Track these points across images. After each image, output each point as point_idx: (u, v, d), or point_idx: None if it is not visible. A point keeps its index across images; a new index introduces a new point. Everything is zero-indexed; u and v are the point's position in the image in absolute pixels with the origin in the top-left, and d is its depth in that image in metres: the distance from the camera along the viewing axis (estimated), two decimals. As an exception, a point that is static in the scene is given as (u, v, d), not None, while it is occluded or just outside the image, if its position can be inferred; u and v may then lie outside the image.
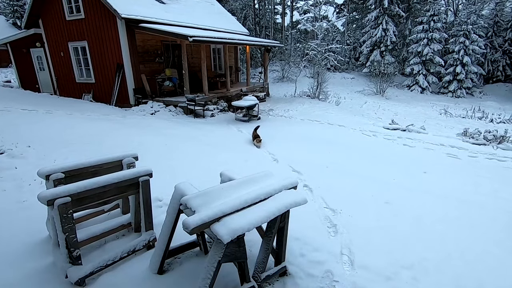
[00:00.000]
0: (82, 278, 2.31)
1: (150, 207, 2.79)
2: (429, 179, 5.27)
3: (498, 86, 21.29)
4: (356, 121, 10.42)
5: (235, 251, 2.06)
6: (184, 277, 2.53)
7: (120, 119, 8.57)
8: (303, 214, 3.71)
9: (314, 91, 15.41)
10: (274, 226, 2.36)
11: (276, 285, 2.54)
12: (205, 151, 6.15)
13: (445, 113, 13.98)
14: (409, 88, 20.79)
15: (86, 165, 2.73)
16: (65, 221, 2.19)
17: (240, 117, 9.95)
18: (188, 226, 1.86)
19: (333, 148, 6.92)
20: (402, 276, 2.73)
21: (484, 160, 6.64)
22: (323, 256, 2.95)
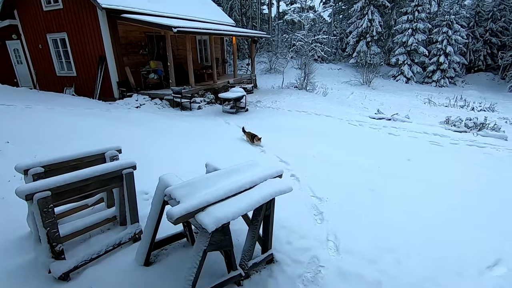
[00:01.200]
0: (66, 272, 2.27)
1: (135, 199, 2.75)
2: (412, 166, 5.40)
3: (479, 75, 21.87)
4: (343, 111, 10.52)
5: (220, 240, 2.07)
6: (171, 268, 2.53)
7: (104, 113, 8.36)
8: (290, 203, 3.76)
9: (301, 82, 15.44)
10: (260, 214, 2.37)
11: (263, 272, 2.58)
12: (192, 143, 6.09)
13: (429, 102, 14.29)
14: (395, 78, 21.10)
15: (66, 158, 2.65)
16: (46, 215, 2.14)
17: (228, 109, 9.88)
18: (172, 216, 1.85)
19: (320, 138, 6.98)
20: (386, 259, 2.81)
21: (465, 147, 6.85)
22: (309, 242, 3.00)
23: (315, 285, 2.46)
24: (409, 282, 2.54)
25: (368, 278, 2.56)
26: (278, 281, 2.47)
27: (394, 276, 2.59)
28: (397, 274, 2.62)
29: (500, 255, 2.94)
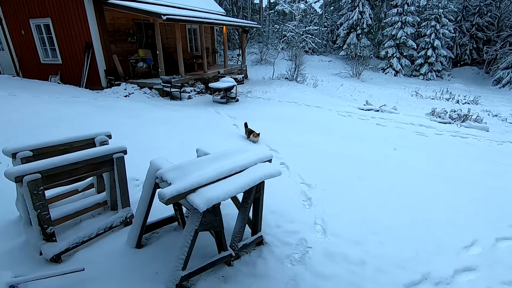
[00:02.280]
0: (58, 254, 2.29)
1: (126, 184, 2.77)
2: (398, 155, 5.56)
3: (465, 69, 22.37)
4: (333, 102, 10.65)
5: (211, 220, 2.13)
6: (162, 250, 2.58)
7: (92, 101, 8.20)
8: (279, 189, 3.86)
9: (292, 74, 15.46)
10: (250, 196, 2.44)
11: (252, 253, 2.66)
12: (182, 132, 6.08)
13: (416, 94, 14.57)
14: (384, 71, 21.35)
15: (55, 143, 2.64)
16: (36, 198, 2.14)
17: (218, 99, 9.84)
18: (164, 196, 1.89)
19: (310, 128, 7.08)
20: (370, 241, 2.94)
21: (448, 137, 7.08)
22: (298, 226, 3.10)
23: (302, 264, 2.56)
24: (391, 261, 2.67)
25: (352, 258, 2.68)
26: (267, 261, 2.56)
27: (377, 256, 2.72)
28: (380, 254, 2.75)
29: (477, 237, 3.12)
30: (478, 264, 2.72)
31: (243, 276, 2.39)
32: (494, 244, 3.05)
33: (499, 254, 2.91)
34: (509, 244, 3.07)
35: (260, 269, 2.47)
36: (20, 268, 2.15)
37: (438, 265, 2.67)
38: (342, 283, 2.38)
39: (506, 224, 3.40)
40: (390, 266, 2.61)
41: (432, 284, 2.46)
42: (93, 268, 2.25)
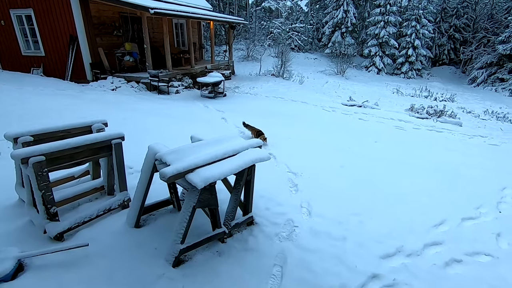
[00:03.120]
0: (61, 233, 2.43)
1: (124, 169, 2.91)
2: (378, 147, 5.92)
3: (443, 68, 23.37)
4: (318, 98, 10.98)
5: (207, 198, 2.32)
6: (159, 230, 2.75)
7: (78, 94, 8.15)
8: (268, 176, 4.09)
9: (278, 70, 15.72)
10: (242, 178, 2.65)
11: (244, 232, 2.88)
12: (172, 124, 6.20)
13: (397, 92, 15.18)
14: (367, 69, 21.99)
15: (55, 129, 2.75)
16: (40, 179, 2.26)
17: (206, 93, 9.96)
18: (165, 175, 2.07)
19: (296, 122, 7.35)
20: (351, 221, 3.22)
21: (425, 131, 7.53)
22: (285, 209, 3.34)
23: (289, 240, 2.81)
24: (369, 237, 2.96)
25: (335, 235, 2.95)
26: (257, 239, 2.78)
27: (357, 233, 3.00)
28: (360, 232, 3.04)
29: (445, 217, 3.47)
30: (445, 239, 3.06)
31: (236, 251, 2.61)
32: (460, 223, 3.40)
33: (463, 231, 3.26)
34: (473, 223, 3.44)
35: (251, 245, 2.69)
36: (26, 246, 2.28)
37: (410, 240, 2.98)
38: (325, 256, 2.64)
39: (472, 207, 3.77)
40: (368, 241, 2.90)
41: (404, 256, 2.76)
42: (95, 245, 2.40)
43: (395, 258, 2.72)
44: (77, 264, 2.24)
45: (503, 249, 3.01)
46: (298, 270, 2.44)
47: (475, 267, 2.71)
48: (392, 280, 2.42)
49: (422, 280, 2.45)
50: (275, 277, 2.37)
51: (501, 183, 4.53)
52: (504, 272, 2.67)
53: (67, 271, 2.16)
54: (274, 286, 2.28)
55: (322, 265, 2.51)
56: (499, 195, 4.19)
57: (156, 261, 2.35)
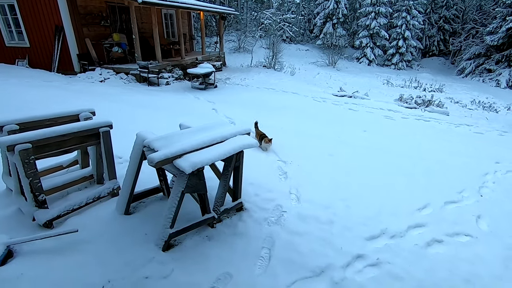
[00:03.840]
0: (50, 220, 2.44)
1: (112, 157, 2.92)
2: (367, 136, 6.02)
3: (433, 59, 23.62)
4: (309, 89, 11.03)
5: (196, 184, 2.36)
6: (149, 216, 2.79)
7: (66, 85, 8.00)
8: (257, 165, 4.15)
9: (270, 62, 15.68)
10: (230, 164, 2.69)
11: (233, 217, 2.93)
12: (162, 115, 6.17)
13: (387, 83, 15.33)
14: (358, 60, 22.09)
15: (41, 118, 2.72)
16: (27, 166, 2.26)
17: (197, 85, 9.89)
18: (153, 160, 2.09)
19: (287, 112, 7.39)
20: (338, 206, 3.31)
21: (413, 121, 7.68)
22: (274, 195, 3.41)
23: (278, 225, 2.88)
24: (355, 221, 3.05)
25: (322, 219, 3.03)
26: (246, 223, 2.84)
27: (344, 217, 3.09)
28: (346, 216, 3.13)
29: (429, 201, 3.59)
30: (427, 222, 3.17)
31: (225, 235, 2.66)
32: (443, 206, 3.53)
33: (445, 214, 3.38)
34: (454, 206, 3.57)
35: (241, 229, 2.75)
36: (15, 233, 2.28)
37: (395, 223, 3.09)
38: (313, 239, 2.72)
39: (455, 191, 3.91)
40: (354, 224, 2.99)
41: (389, 237, 2.86)
42: (85, 232, 2.42)
43: (379, 239, 2.83)
44: (67, 250, 2.27)
45: (482, 230, 3.15)
46: (285, 251, 2.52)
47: (455, 246, 2.83)
48: (376, 260, 2.52)
49: (404, 259, 2.55)
50: (263, 258, 2.44)
51: (484, 169, 4.69)
52: (482, 251, 2.80)
53: (57, 257, 2.19)
54: (262, 267, 2.35)
55: (309, 247, 2.59)
56: (481, 180, 4.34)
57: (146, 245, 2.39)
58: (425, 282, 2.33)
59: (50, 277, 2.01)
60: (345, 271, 2.38)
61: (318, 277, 2.29)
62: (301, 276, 2.28)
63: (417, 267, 2.48)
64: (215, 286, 2.12)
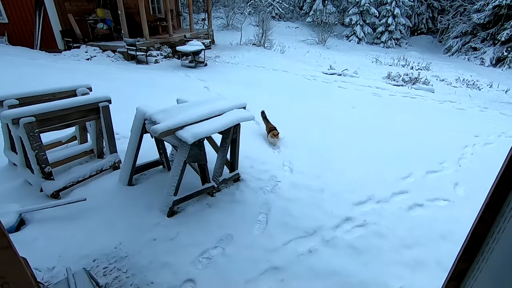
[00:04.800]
0: (57, 191, 2.55)
1: (112, 131, 3.00)
2: (356, 112, 6.23)
3: (421, 38, 23.73)
4: (299, 67, 11.05)
5: (197, 154, 2.50)
6: (152, 187, 2.93)
7: (51, 63, 7.79)
8: (252, 140, 4.31)
9: (259, 39, 15.45)
10: (228, 136, 2.82)
11: (231, 187, 3.11)
12: (154, 93, 6.16)
13: (376, 61, 15.45)
14: (348, 38, 21.98)
15: (40, 93, 2.76)
16: (33, 139, 2.33)
17: (186, 63, 9.77)
18: (156, 130, 2.20)
19: (277, 90, 7.48)
20: (328, 175, 3.53)
21: (400, 98, 7.91)
22: (268, 167, 3.59)
23: (273, 193, 3.08)
24: (344, 189, 3.29)
25: (314, 187, 3.25)
26: (244, 192, 3.03)
27: (333, 186, 3.32)
28: (336, 184, 3.35)
29: (412, 171, 3.85)
30: (410, 189, 3.44)
31: (224, 203, 2.85)
32: (424, 175, 3.81)
33: (427, 182, 3.66)
34: (435, 175, 3.86)
35: (238, 197, 2.94)
36: (24, 203, 2.39)
37: (380, 190, 3.34)
38: (305, 204, 2.94)
39: (435, 162, 4.19)
40: (343, 192, 3.22)
41: (374, 202, 3.12)
42: (92, 201, 2.55)
43: (366, 204, 3.08)
44: (76, 217, 2.40)
45: (459, 195, 3.45)
46: (281, 216, 2.73)
47: (434, 209, 3.12)
48: (363, 221, 2.77)
49: (388, 220, 2.82)
50: (261, 222, 2.65)
51: (464, 142, 4.99)
52: (457, 213, 3.09)
53: (68, 223, 2.33)
54: (260, 229, 2.56)
55: (302, 211, 2.82)
56: (461, 152, 4.64)
57: (151, 212, 2.55)
58: (406, 239, 2.60)
59: (64, 239, 2.16)
60: (335, 231, 2.63)
61: (311, 237, 2.52)
62: (296, 236, 2.50)
63: (400, 227, 2.75)
64: (218, 246, 2.32)
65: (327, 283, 2.07)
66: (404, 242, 2.58)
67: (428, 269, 2.31)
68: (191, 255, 2.19)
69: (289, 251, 2.34)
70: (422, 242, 2.61)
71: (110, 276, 1.98)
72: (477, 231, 1.10)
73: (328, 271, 2.16)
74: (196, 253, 2.21)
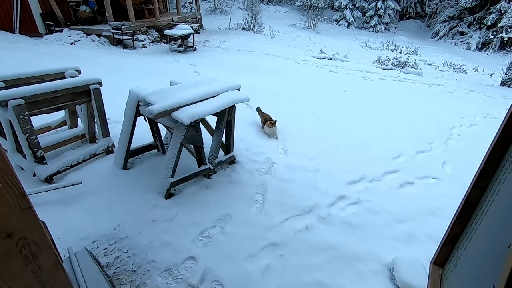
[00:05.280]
0: (50, 175, 2.51)
1: (105, 114, 2.94)
2: (347, 96, 6.28)
3: (409, 22, 23.80)
4: (289, 51, 10.98)
5: (193, 135, 2.49)
6: (147, 170, 2.92)
7: (33, 48, 7.46)
8: (245, 123, 4.31)
9: (249, 24, 15.19)
10: (223, 118, 2.82)
11: (227, 169, 3.13)
12: (143, 78, 6.03)
13: (366, 45, 15.48)
14: (337, 22, 21.84)
15: (27, 75, 2.66)
16: (23, 122, 2.27)
17: (175, 47, 9.54)
18: (152, 111, 2.18)
19: (269, 75, 7.43)
20: (322, 156, 3.59)
21: (390, 81, 8.01)
22: (263, 149, 3.62)
23: (269, 174, 3.12)
24: (338, 169, 3.35)
25: (308, 168, 3.30)
26: (240, 174, 3.06)
27: (328, 166, 3.38)
28: (330, 165, 3.42)
29: (402, 152, 3.95)
30: (401, 168, 3.54)
31: (221, 184, 2.87)
32: (414, 155, 3.92)
33: (416, 161, 3.77)
34: (424, 155, 3.97)
35: (235, 178, 2.97)
36: (17, 187, 2.35)
37: (372, 170, 3.42)
38: (300, 184, 3.00)
39: (424, 142, 4.31)
40: (337, 172, 3.29)
41: (367, 181, 3.20)
42: (87, 185, 2.53)
43: (360, 183, 3.16)
44: (73, 200, 2.38)
45: (447, 173, 3.57)
46: (277, 196, 2.78)
47: (423, 187, 3.23)
48: (357, 199, 2.86)
49: (380, 198, 2.91)
50: (258, 202, 2.69)
51: (451, 124, 5.13)
52: (445, 189, 3.22)
53: (64, 207, 2.31)
54: (257, 208, 2.61)
55: (298, 191, 2.87)
56: (448, 133, 4.78)
57: (148, 194, 2.55)
58: (397, 215, 2.70)
59: (62, 222, 2.15)
60: (330, 209, 2.70)
61: (307, 214, 2.58)
62: (293, 214, 2.56)
63: (391, 204, 2.85)
64: (217, 225, 2.35)
65: (324, 256, 2.14)
66: (396, 217, 2.68)
67: (419, 241, 2.42)
68: (190, 234, 2.22)
69: (287, 228, 2.39)
70: (412, 217, 2.71)
71: (111, 256, 1.99)
72: (470, 197, 1.15)
73: (325, 246, 2.23)
74: (195, 232, 2.24)
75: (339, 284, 1.95)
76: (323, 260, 2.12)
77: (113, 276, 1.87)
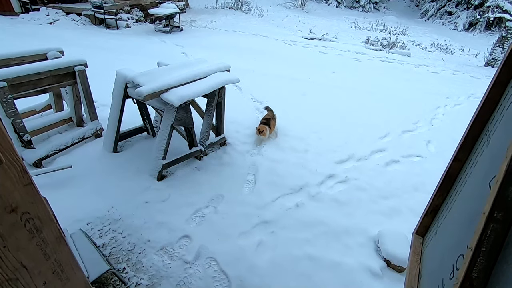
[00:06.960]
0: (39, 159, 2.47)
1: (91, 97, 2.88)
2: (336, 77, 6.30)
3: (399, 2, 23.57)
4: (279, 32, 10.78)
5: (184, 117, 2.48)
6: (138, 153, 2.91)
7: (9, 28, 7.08)
8: (235, 105, 4.28)
9: (236, 2, 14.72)
10: (213, 100, 2.81)
11: (218, 151, 3.15)
12: (130, 60, 5.85)
13: (355, 26, 15.33)
14: (327, 1, 21.43)
15: (6, 56, 2.54)
16: (7, 105, 2.20)
17: (161, 28, 9.21)
18: (141, 93, 2.15)
19: (258, 55, 7.33)
20: (311, 136, 3.65)
21: (378, 62, 8.03)
22: (253, 131, 3.63)
23: (260, 155, 3.16)
24: (327, 149, 3.43)
25: (298, 148, 3.36)
26: (231, 155, 3.09)
27: (317, 146, 3.45)
28: (319, 145, 3.49)
29: (389, 131, 4.06)
30: (387, 147, 3.65)
31: (212, 165, 2.90)
32: (400, 135, 4.03)
33: (402, 140, 3.89)
34: (410, 134, 4.09)
35: (226, 160, 3.00)
36: (5, 172, 2.31)
37: (360, 149, 3.52)
38: (290, 164, 3.06)
39: (410, 122, 4.42)
40: (326, 151, 3.37)
41: (355, 160, 3.30)
42: (77, 168, 2.51)
43: (348, 162, 3.25)
44: (64, 184, 2.38)
45: (430, 152, 3.71)
46: (268, 175, 2.84)
47: (408, 164, 3.36)
48: (345, 177, 2.95)
49: (367, 175, 3.01)
50: (249, 182, 2.75)
51: (436, 104, 5.26)
52: (429, 167, 3.35)
53: (56, 191, 2.30)
54: (249, 188, 2.67)
55: (288, 171, 2.94)
56: (433, 113, 4.91)
57: (141, 176, 2.56)
58: (383, 191, 2.82)
59: (54, 206, 2.13)
60: (320, 187, 2.79)
61: (298, 193, 2.67)
62: (283, 193, 2.64)
63: (378, 181, 2.96)
64: (210, 205, 2.41)
65: (314, 231, 2.24)
66: (382, 193, 2.79)
67: (402, 215, 2.55)
68: (184, 214, 2.27)
69: (278, 206, 2.47)
70: (397, 193, 2.84)
71: (106, 237, 2.03)
72: (450, 170, 1.22)
73: (314, 222, 2.33)
74: (189, 212, 2.29)
75: (328, 256, 2.06)
76: (313, 235, 2.22)
77: (109, 256, 1.91)
